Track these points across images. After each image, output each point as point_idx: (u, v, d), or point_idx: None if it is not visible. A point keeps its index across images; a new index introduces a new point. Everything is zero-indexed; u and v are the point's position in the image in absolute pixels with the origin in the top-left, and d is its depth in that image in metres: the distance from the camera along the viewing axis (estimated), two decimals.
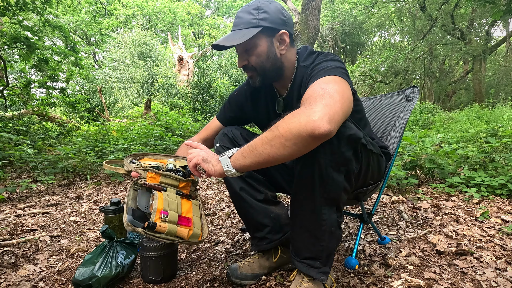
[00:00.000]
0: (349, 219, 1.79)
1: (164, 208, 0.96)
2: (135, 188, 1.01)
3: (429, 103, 9.53)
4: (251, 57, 1.00)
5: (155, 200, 0.98)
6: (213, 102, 8.66)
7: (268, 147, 0.75)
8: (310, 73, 0.93)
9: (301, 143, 0.71)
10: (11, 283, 1.15)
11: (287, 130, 0.72)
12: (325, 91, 0.76)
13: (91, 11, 12.27)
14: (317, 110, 0.70)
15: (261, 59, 1.00)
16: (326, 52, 1.03)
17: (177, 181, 1.08)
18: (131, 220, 0.90)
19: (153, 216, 0.93)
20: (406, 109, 1.39)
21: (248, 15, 0.97)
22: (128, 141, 3.77)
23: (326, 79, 0.84)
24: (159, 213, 0.94)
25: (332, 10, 14.98)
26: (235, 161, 0.83)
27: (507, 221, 1.62)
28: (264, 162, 0.77)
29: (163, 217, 0.94)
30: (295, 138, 0.71)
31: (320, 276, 0.93)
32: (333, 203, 0.89)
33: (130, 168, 1.04)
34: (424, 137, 3.05)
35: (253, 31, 0.94)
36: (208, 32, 21.78)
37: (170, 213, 0.96)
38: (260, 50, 0.98)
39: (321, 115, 0.69)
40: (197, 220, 1.05)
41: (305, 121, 0.69)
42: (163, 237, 0.93)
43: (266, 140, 0.75)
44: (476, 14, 10.79)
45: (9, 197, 2.46)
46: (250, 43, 0.97)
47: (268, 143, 0.75)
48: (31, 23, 6.96)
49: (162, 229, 0.92)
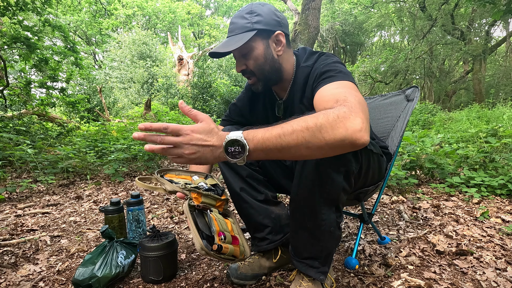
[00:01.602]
0: (349, 219, 1.79)
1: (220, 229, 0.96)
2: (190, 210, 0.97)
3: (429, 103, 9.53)
4: (248, 61, 1.00)
5: (212, 221, 0.96)
6: (213, 102, 8.67)
7: (303, 149, 0.67)
8: (322, 73, 0.92)
9: (339, 148, 0.67)
10: (11, 283, 1.15)
11: (331, 133, 0.65)
12: (358, 100, 0.73)
13: (91, 11, 12.27)
14: (360, 120, 0.66)
15: (258, 62, 0.99)
16: (327, 52, 1.02)
17: (215, 200, 1.04)
18: (206, 245, 0.89)
19: (216, 238, 0.93)
20: (406, 109, 1.39)
21: (242, 20, 0.97)
22: (128, 141, 3.77)
23: (349, 85, 0.83)
24: (217, 234, 0.94)
25: (332, 10, 14.98)
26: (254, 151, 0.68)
27: (507, 221, 1.62)
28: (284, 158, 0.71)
29: (222, 238, 0.94)
30: (337, 143, 0.65)
31: (319, 276, 0.93)
32: (332, 203, 0.89)
33: (175, 188, 0.98)
34: (424, 137, 3.05)
35: (248, 35, 0.94)
36: (208, 32, 21.78)
37: (226, 234, 0.96)
38: (257, 53, 0.98)
39: (365, 126, 0.67)
40: (240, 238, 1.04)
41: (353, 129, 0.65)
42: (225, 257, 0.93)
43: (303, 140, 0.66)
44: (476, 14, 10.79)
45: (9, 197, 2.46)
46: (247, 47, 0.97)
47: (304, 145, 0.66)
48: (31, 23, 6.96)
49: (225, 250, 0.92)
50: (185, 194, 0.98)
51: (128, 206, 1.42)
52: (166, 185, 0.99)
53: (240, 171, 1.11)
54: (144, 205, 1.65)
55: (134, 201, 1.41)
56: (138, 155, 3.51)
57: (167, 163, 4.00)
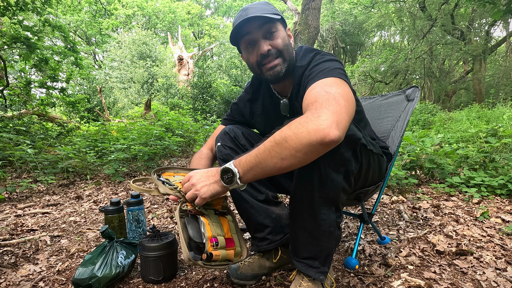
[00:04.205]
0: (349, 219, 1.79)
1: (212, 234, 0.91)
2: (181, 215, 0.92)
3: (429, 103, 9.52)
4: (275, 40, 0.98)
5: (204, 227, 0.92)
6: (213, 102, 8.66)
7: (279, 161, 0.72)
8: (309, 74, 0.93)
9: (312, 152, 0.70)
10: (11, 283, 1.15)
11: (296, 141, 0.69)
12: (330, 96, 0.75)
13: (91, 11, 12.28)
14: (324, 117, 0.69)
15: (285, 42, 1.00)
16: (323, 51, 1.02)
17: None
18: (194, 256, 0.86)
19: (207, 246, 0.89)
20: (407, 109, 1.39)
21: (265, 6, 0.99)
22: (128, 141, 3.77)
23: (328, 82, 0.83)
24: (209, 241, 0.90)
25: (332, 10, 14.97)
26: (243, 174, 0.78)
27: (507, 221, 1.62)
28: (272, 173, 0.76)
29: (214, 244, 0.90)
30: (306, 148, 0.69)
31: (319, 276, 0.93)
32: (332, 203, 0.89)
33: (167, 191, 0.93)
34: (424, 137, 3.05)
35: (277, 16, 0.97)
36: (208, 32, 21.79)
37: (219, 239, 0.92)
38: (283, 35, 1.00)
39: (330, 122, 0.68)
40: (236, 238, 1.00)
41: (314, 130, 0.68)
42: (217, 264, 0.90)
43: (275, 153, 0.72)
44: (476, 14, 10.78)
45: (9, 197, 2.46)
46: (275, 26, 0.98)
47: (277, 157, 0.72)
48: (31, 23, 6.96)
49: (216, 258, 0.88)
50: (178, 197, 0.92)
51: (128, 206, 1.42)
52: (160, 187, 0.95)
53: None
54: (144, 205, 1.65)
55: (134, 201, 1.41)
56: (138, 155, 3.51)
57: (167, 163, 4.00)
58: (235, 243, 0.97)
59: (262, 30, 0.96)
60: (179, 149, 4.64)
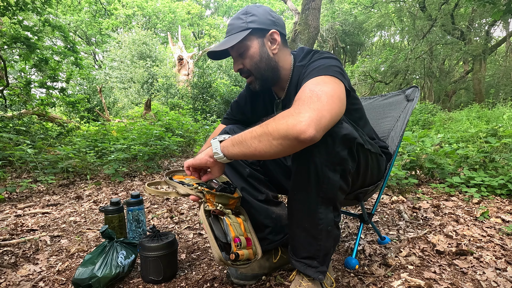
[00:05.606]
0: (349, 219, 1.79)
1: (235, 234, 0.93)
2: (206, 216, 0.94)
3: (429, 103, 9.52)
4: (245, 60, 1.02)
5: (227, 227, 0.94)
6: (213, 102, 8.66)
7: (256, 142, 0.77)
8: (305, 72, 0.94)
9: (287, 144, 0.73)
10: (11, 283, 1.15)
11: (275, 129, 0.74)
12: (313, 94, 0.76)
13: (91, 11, 12.28)
14: (304, 114, 0.71)
15: (254, 60, 1.01)
16: (322, 51, 1.02)
17: (227, 199, 1.00)
18: (225, 256, 0.88)
19: (232, 246, 0.91)
20: (406, 109, 1.39)
21: (238, 21, 1.00)
22: (128, 141, 3.77)
23: (316, 80, 0.84)
24: (234, 241, 0.92)
25: (332, 10, 14.97)
26: (224, 147, 0.85)
27: (507, 221, 1.62)
28: (251, 155, 0.79)
29: (239, 244, 0.92)
30: (282, 138, 0.73)
31: (318, 276, 0.93)
32: (329, 203, 0.89)
33: (187, 191, 0.94)
34: (424, 137, 3.05)
35: (242, 34, 0.98)
36: (208, 32, 21.78)
37: (241, 239, 0.94)
38: (253, 52, 1.00)
39: (308, 120, 0.70)
40: (251, 237, 1.01)
41: (292, 124, 0.71)
42: (241, 263, 0.92)
43: (255, 134, 0.78)
44: (476, 14, 10.78)
45: (9, 197, 2.46)
46: (242, 46, 1.00)
47: (257, 138, 0.77)
48: (31, 23, 6.96)
49: (242, 257, 0.90)
50: (199, 197, 0.95)
51: (128, 206, 1.42)
52: (179, 188, 0.96)
53: (241, 171, 1.11)
54: (144, 205, 1.65)
55: (134, 201, 1.41)
56: (138, 155, 3.51)
57: (167, 163, 4.00)
58: (252, 242, 0.99)
59: (234, 51, 1.02)
60: (179, 149, 4.65)
